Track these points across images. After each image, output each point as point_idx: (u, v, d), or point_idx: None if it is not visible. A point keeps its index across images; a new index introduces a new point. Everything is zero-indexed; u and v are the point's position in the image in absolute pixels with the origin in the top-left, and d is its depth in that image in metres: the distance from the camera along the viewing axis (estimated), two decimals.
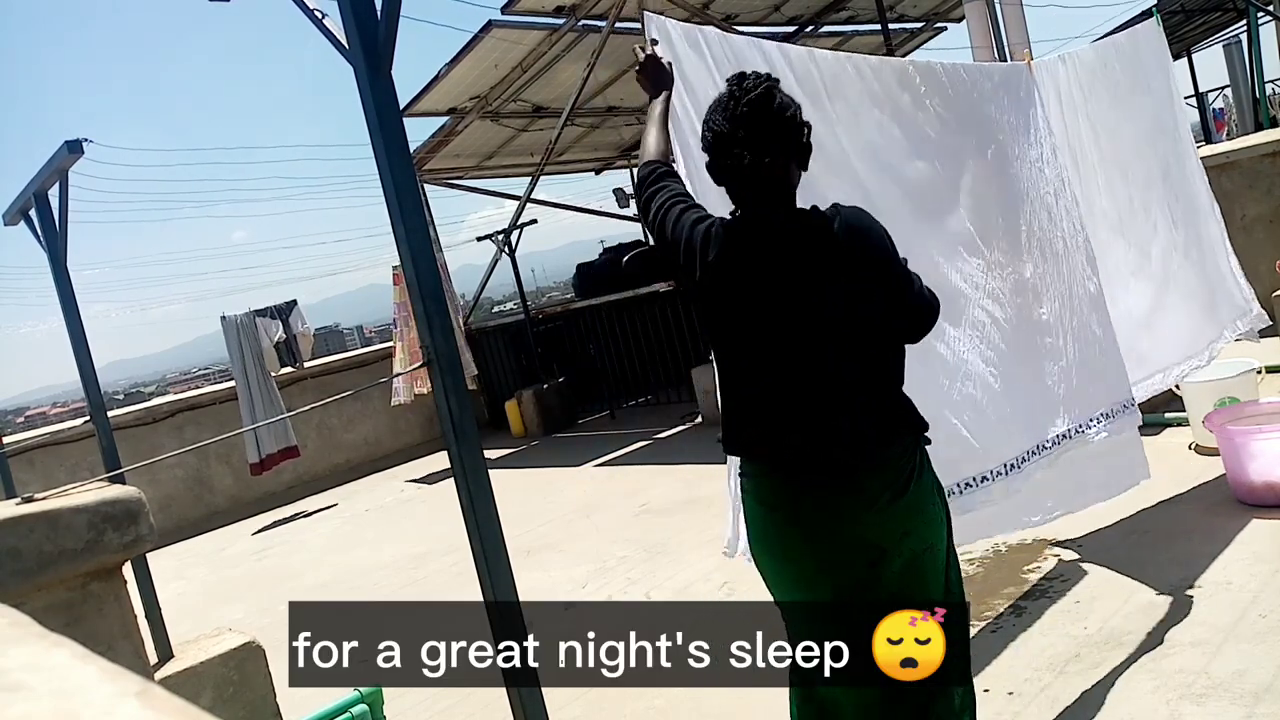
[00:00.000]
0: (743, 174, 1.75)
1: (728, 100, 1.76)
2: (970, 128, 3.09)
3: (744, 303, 1.76)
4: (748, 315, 1.76)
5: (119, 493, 1.81)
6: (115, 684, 0.34)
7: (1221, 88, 16.35)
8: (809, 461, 1.74)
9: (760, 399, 1.78)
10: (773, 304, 1.73)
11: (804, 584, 1.78)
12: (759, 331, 1.76)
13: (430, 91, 8.96)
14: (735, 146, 1.73)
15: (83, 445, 7.54)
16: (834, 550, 1.73)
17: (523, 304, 10.18)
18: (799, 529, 1.75)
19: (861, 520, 1.72)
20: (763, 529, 1.80)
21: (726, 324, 1.80)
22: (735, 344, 1.80)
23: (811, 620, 1.76)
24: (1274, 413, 3.67)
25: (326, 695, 3.19)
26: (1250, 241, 6.43)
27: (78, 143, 3.12)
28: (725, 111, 1.76)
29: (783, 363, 1.74)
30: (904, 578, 1.75)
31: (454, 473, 2.30)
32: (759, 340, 1.76)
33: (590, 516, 5.67)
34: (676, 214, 1.86)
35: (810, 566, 1.76)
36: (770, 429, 1.77)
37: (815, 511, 1.73)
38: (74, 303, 3.48)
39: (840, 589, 1.74)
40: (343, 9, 2.19)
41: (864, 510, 1.72)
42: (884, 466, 1.73)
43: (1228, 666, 2.47)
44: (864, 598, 1.72)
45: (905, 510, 1.74)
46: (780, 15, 10.19)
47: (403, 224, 2.21)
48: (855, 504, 1.72)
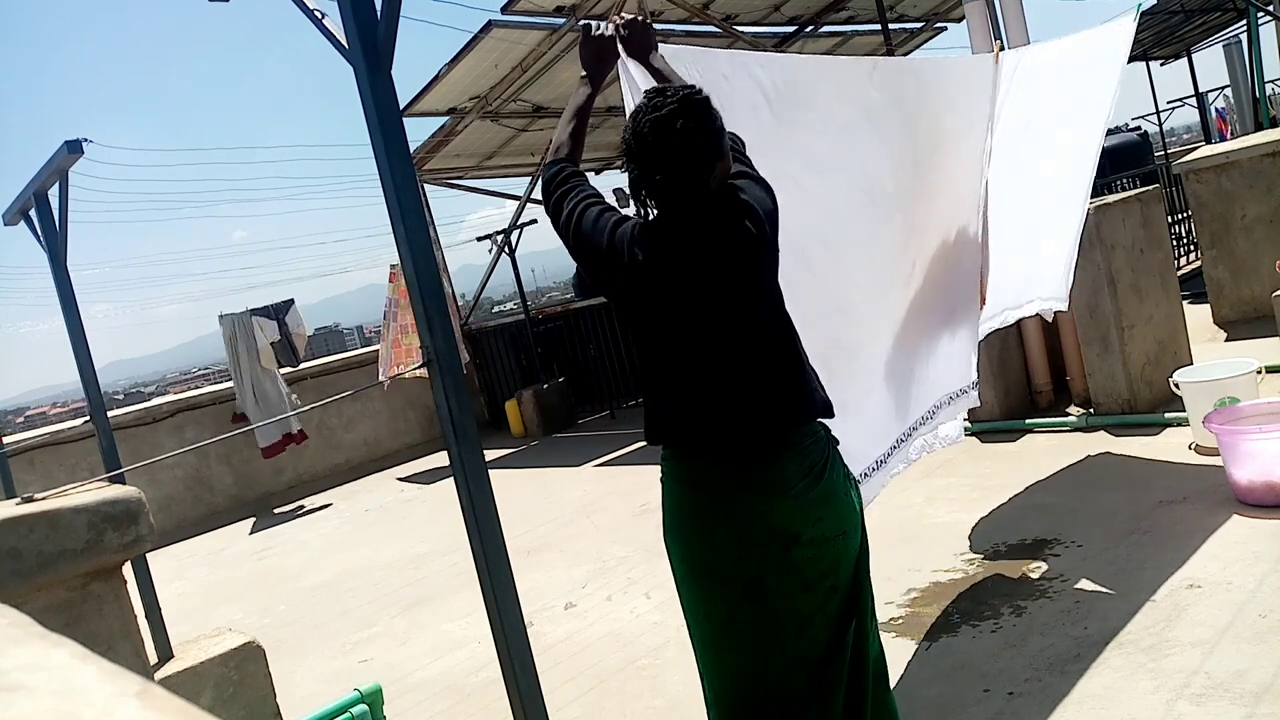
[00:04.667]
0: (653, 186, 1.81)
1: (635, 114, 1.81)
2: (923, 120, 3.28)
3: (659, 301, 1.83)
4: (662, 312, 1.84)
5: (119, 493, 1.81)
6: (115, 684, 0.34)
7: (1221, 88, 16.35)
8: (725, 447, 1.82)
9: (676, 391, 1.87)
10: (684, 301, 1.81)
11: (717, 564, 1.84)
12: (672, 327, 1.84)
13: (430, 91, 8.96)
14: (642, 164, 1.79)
15: (83, 445, 7.55)
16: (750, 532, 1.80)
17: (523, 304, 10.17)
18: (716, 511, 1.82)
19: (776, 506, 1.79)
20: (680, 507, 1.89)
21: (644, 321, 1.88)
22: (652, 340, 1.89)
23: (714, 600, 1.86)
24: (1273, 413, 3.66)
25: (326, 695, 3.19)
26: (1250, 241, 6.44)
27: (78, 143, 3.12)
28: (633, 126, 1.81)
29: (693, 355, 1.83)
30: (816, 562, 1.81)
31: (454, 473, 2.30)
32: (672, 335, 1.84)
33: (590, 516, 5.67)
34: (593, 216, 1.90)
35: (727, 547, 1.82)
36: (687, 419, 1.85)
37: (736, 495, 1.81)
38: (74, 303, 3.49)
39: (751, 569, 1.81)
40: (343, 9, 2.19)
41: (779, 497, 1.79)
42: (798, 453, 1.80)
43: (1227, 666, 2.47)
44: (776, 578, 1.80)
45: (818, 498, 1.80)
46: (780, 15, 10.19)
47: (403, 224, 2.21)
48: (771, 490, 1.79)
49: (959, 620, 3.12)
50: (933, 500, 4.39)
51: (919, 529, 4.07)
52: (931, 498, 4.42)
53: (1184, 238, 9.74)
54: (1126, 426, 4.82)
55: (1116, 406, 5.01)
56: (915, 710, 2.64)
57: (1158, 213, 5.35)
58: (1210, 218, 6.65)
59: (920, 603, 3.33)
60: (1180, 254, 9.39)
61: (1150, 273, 5.16)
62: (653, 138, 1.76)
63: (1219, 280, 6.65)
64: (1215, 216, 6.61)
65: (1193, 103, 18.23)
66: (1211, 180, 6.56)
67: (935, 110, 3.28)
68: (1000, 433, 5.20)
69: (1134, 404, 4.96)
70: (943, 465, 4.78)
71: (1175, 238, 9.23)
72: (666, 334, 1.85)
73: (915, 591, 3.43)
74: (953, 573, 3.53)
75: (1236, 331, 6.36)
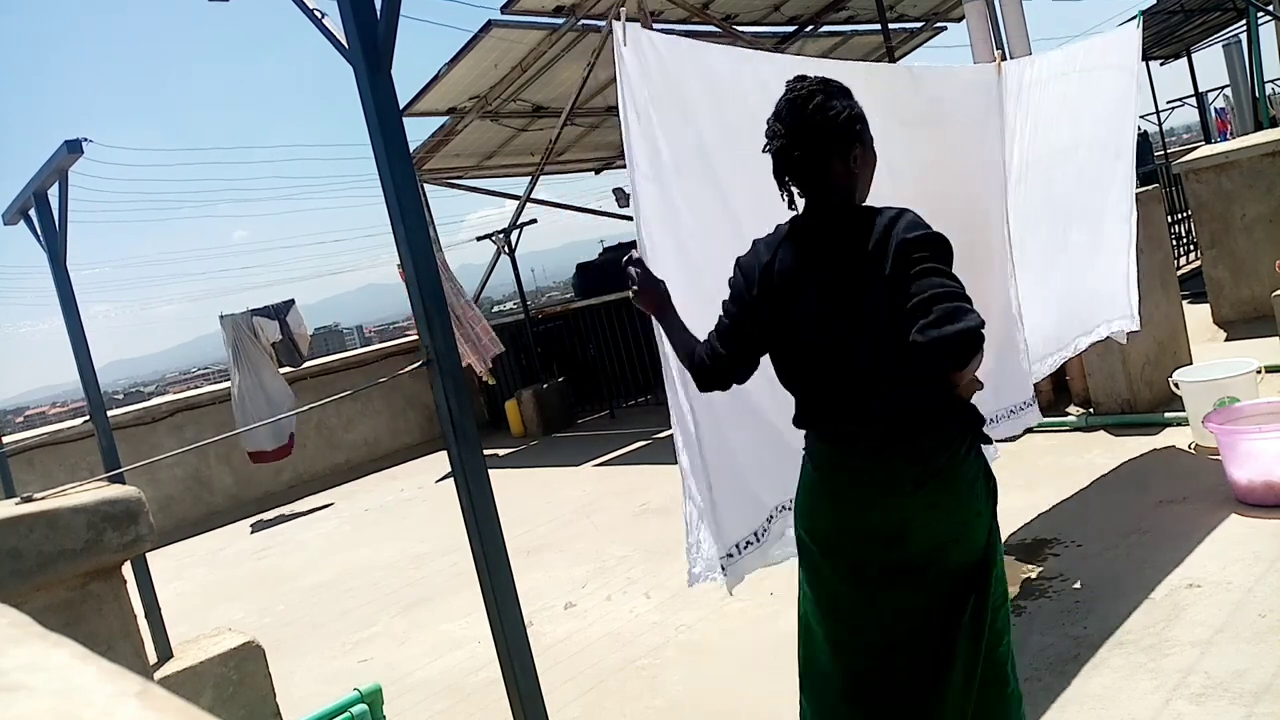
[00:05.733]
0: (784, 164, 1.88)
1: (778, 101, 1.91)
2: (929, 129, 3.21)
3: (794, 298, 1.89)
4: (797, 310, 1.89)
5: (119, 493, 1.81)
6: (115, 684, 0.34)
7: (1221, 88, 16.34)
8: (848, 441, 1.88)
9: (810, 385, 1.94)
10: (818, 297, 1.86)
11: (844, 545, 1.91)
12: (806, 324, 1.88)
13: (430, 91, 8.95)
14: (775, 139, 1.89)
15: (82, 445, 7.54)
16: (873, 520, 1.86)
17: (523, 304, 10.17)
18: (845, 497, 1.90)
19: (883, 503, 1.85)
20: (811, 489, 1.96)
21: (781, 320, 1.93)
22: (789, 337, 1.94)
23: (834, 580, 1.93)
24: (1273, 413, 3.67)
25: (326, 695, 3.19)
26: (1250, 241, 6.44)
27: (77, 142, 3.12)
28: (774, 110, 1.91)
29: (826, 353, 1.87)
30: (934, 553, 1.84)
31: (454, 473, 2.30)
32: (807, 333, 1.89)
33: (590, 516, 5.67)
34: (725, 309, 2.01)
35: (851, 532, 1.90)
36: (819, 411, 1.93)
37: (849, 486, 1.89)
38: (74, 302, 3.48)
39: (872, 555, 1.87)
40: (343, 9, 2.19)
41: (888, 494, 1.84)
42: (916, 455, 1.82)
43: (1227, 666, 2.47)
44: (895, 564, 1.85)
45: (941, 493, 1.83)
46: (780, 15, 10.19)
47: (403, 224, 2.21)
48: (882, 485, 1.85)
49: None
50: None
51: None
52: None
53: (1184, 237, 9.75)
54: (1126, 426, 4.82)
55: (1116, 406, 5.01)
56: None
57: (1157, 213, 5.35)
58: (1210, 218, 6.65)
59: None
60: (1180, 254, 9.39)
61: (1150, 273, 5.15)
62: (789, 115, 1.87)
63: (1219, 280, 6.66)
64: (1215, 216, 6.61)
65: (1192, 102, 18.23)
66: (1211, 180, 6.57)
67: (935, 121, 3.22)
68: None
69: (1134, 404, 4.96)
70: None
71: (1175, 238, 9.24)
72: (807, 330, 1.89)
73: None
74: None
75: (1236, 331, 6.36)
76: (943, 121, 3.25)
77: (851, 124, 1.87)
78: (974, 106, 3.40)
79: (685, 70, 2.48)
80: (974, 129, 3.38)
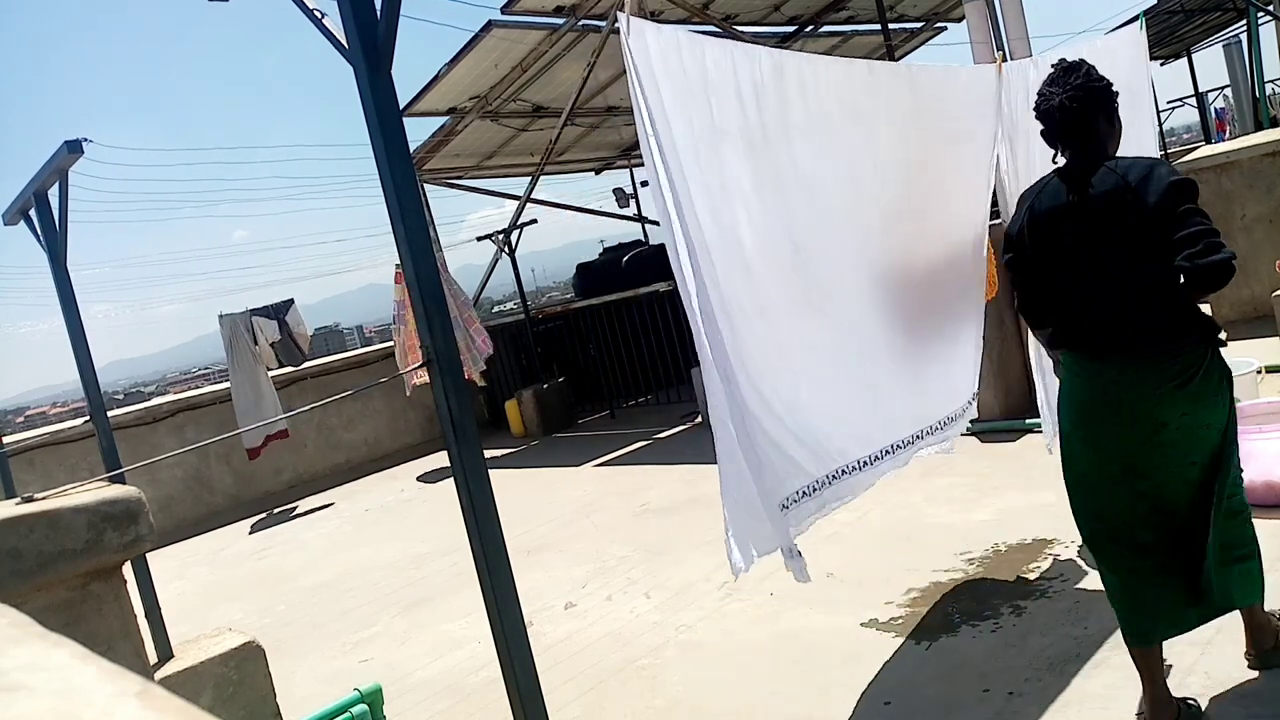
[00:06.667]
0: (1058, 119, 2.30)
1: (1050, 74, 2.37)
2: (926, 128, 3.24)
3: (1059, 234, 2.31)
4: (1063, 244, 2.31)
5: (119, 493, 1.81)
6: (115, 684, 0.34)
7: (1221, 88, 16.35)
8: (1110, 348, 2.27)
9: (1073, 305, 2.34)
10: (1080, 233, 2.28)
11: (1100, 437, 2.32)
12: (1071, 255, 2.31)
13: (430, 91, 8.96)
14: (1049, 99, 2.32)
15: (83, 445, 7.54)
16: (1129, 415, 2.25)
17: (523, 304, 10.16)
18: (1105, 398, 2.29)
19: (1147, 397, 2.22)
20: (1074, 393, 2.38)
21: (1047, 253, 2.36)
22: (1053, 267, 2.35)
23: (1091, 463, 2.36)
24: (1273, 413, 3.66)
25: (326, 695, 3.19)
26: (1250, 241, 6.43)
27: (77, 142, 3.12)
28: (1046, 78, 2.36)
29: (1088, 277, 2.29)
30: (1180, 444, 2.23)
31: (454, 473, 2.30)
32: (1071, 262, 2.31)
33: (590, 516, 5.67)
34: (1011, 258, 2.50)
35: (1110, 424, 2.29)
36: (1084, 326, 2.32)
37: (1113, 385, 2.27)
38: (74, 302, 3.49)
39: (1126, 444, 2.27)
40: (343, 9, 2.19)
41: (1149, 390, 2.21)
42: (1173, 359, 2.19)
43: (1227, 666, 2.47)
44: (1146, 451, 2.26)
45: (1186, 397, 2.20)
46: (780, 15, 10.20)
47: (403, 224, 2.21)
48: (1144, 385, 2.22)
49: (959, 620, 3.13)
50: (933, 500, 4.39)
51: (919, 529, 4.08)
52: (931, 498, 4.42)
53: None
54: None
55: None
56: (915, 710, 2.64)
57: None
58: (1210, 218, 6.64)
59: (920, 603, 3.33)
60: None
61: None
62: (1062, 79, 2.31)
63: None
64: (1215, 217, 6.50)
65: (1192, 103, 18.25)
66: (1211, 180, 6.56)
67: (932, 119, 3.24)
68: (1000, 433, 5.20)
69: None
70: (943, 465, 4.77)
71: None
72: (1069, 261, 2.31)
73: (915, 591, 3.43)
74: (953, 572, 3.53)
75: (1236, 331, 6.35)
76: (939, 120, 3.26)
77: (1110, 88, 2.32)
78: (970, 105, 3.40)
79: (687, 61, 2.49)
80: (968, 127, 3.39)
